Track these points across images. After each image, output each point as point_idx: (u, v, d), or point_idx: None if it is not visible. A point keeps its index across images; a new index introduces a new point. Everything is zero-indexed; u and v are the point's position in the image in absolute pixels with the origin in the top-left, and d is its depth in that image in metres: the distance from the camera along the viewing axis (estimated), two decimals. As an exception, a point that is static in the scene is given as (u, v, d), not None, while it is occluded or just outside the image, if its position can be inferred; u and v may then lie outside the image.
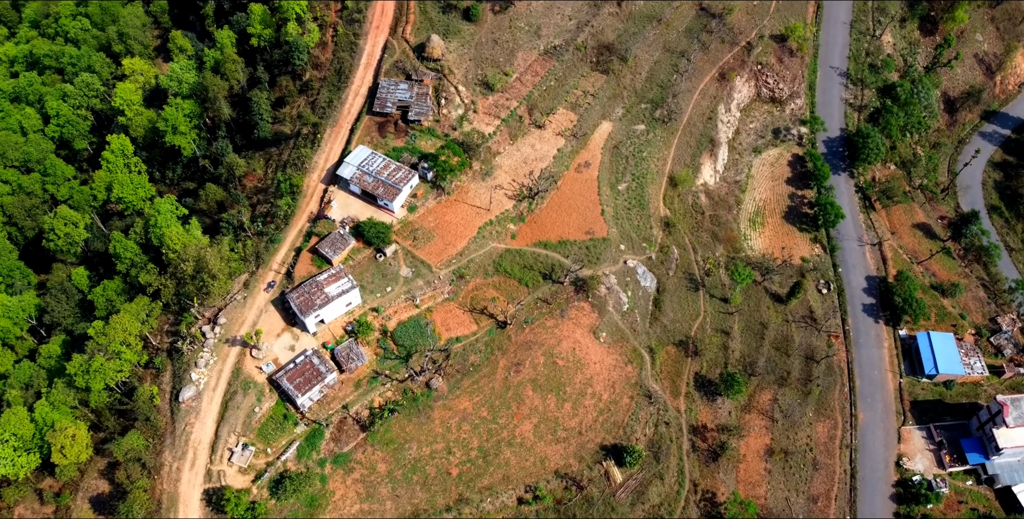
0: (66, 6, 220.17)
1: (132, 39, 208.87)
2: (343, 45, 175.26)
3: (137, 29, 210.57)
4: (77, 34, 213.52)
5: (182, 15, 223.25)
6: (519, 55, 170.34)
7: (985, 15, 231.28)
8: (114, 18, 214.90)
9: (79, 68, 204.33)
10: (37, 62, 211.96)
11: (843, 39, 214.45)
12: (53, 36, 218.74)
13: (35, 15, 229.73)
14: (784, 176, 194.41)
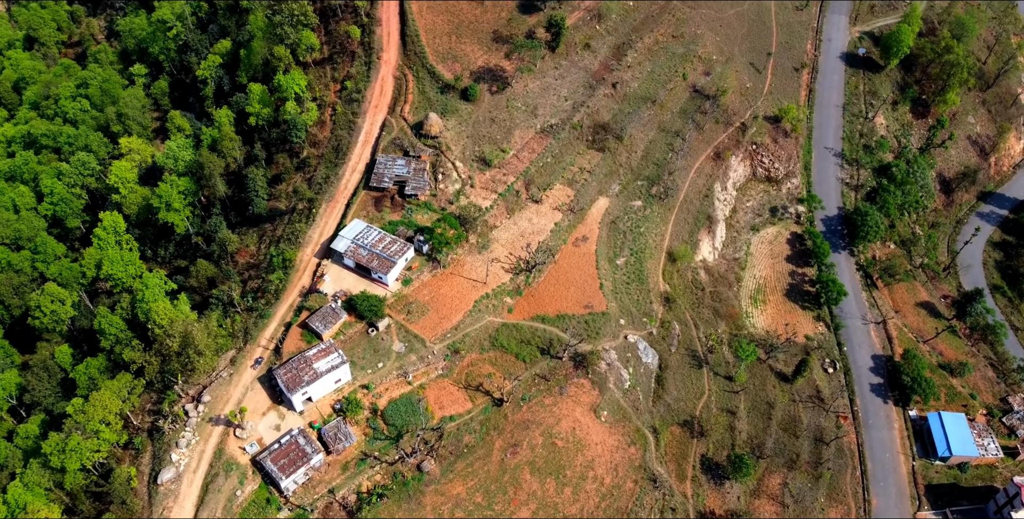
0: (66, 88, 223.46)
1: (131, 119, 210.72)
2: (341, 123, 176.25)
3: (136, 110, 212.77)
4: (76, 115, 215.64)
5: (182, 97, 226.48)
6: (516, 133, 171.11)
7: (976, 98, 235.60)
8: (114, 100, 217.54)
9: (76, 147, 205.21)
10: (35, 142, 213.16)
11: (836, 121, 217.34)
12: (52, 117, 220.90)
13: (35, 97, 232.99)
14: (783, 254, 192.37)
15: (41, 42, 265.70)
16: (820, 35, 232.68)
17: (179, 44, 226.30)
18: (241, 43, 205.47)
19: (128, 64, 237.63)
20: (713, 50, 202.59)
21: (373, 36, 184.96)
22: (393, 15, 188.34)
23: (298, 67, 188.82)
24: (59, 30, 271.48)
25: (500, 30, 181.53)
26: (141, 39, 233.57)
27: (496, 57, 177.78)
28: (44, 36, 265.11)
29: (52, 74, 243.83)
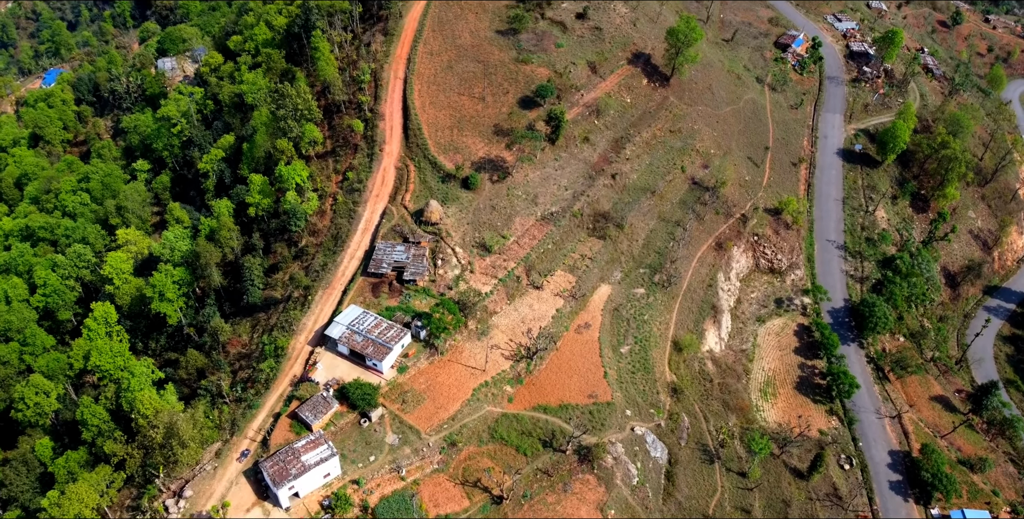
0: (67, 182, 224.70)
1: (130, 212, 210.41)
2: (342, 212, 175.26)
3: (136, 203, 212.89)
4: (75, 208, 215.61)
5: (183, 191, 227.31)
6: (516, 220, 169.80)
7: (975, 193, 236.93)
8: (114, 193, 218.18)
9: (73, 240, 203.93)
10: (32, 235, 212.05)
11: (837, 214, 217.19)
12: (51, 210, 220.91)
13: (36, 192, 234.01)
14: (791, 346, 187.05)
15: (47, 140, 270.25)
16: (816, 132, 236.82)
17: (183, 140, 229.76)
18: (244, 137, 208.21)
19: (131, 160, 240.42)
20: (711, 144, 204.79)
21: (376, 130, 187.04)
22: (396, 111, 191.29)
23: (300, 159, 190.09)
24: (65, 129, 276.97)
25: (501, 124, 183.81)
26: (145, 135, 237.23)
27: (497, 148, 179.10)
28: (50, 134, 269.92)
29: (55, 170, 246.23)
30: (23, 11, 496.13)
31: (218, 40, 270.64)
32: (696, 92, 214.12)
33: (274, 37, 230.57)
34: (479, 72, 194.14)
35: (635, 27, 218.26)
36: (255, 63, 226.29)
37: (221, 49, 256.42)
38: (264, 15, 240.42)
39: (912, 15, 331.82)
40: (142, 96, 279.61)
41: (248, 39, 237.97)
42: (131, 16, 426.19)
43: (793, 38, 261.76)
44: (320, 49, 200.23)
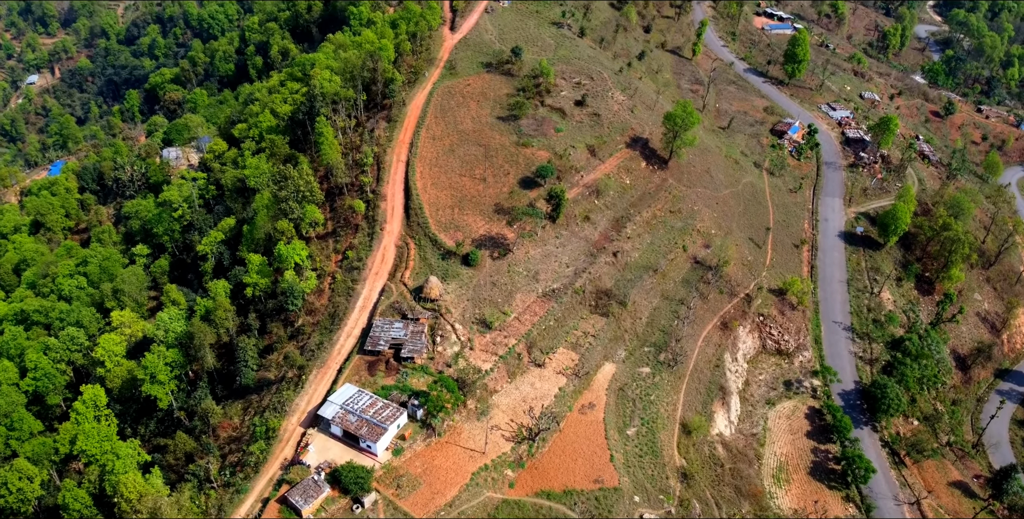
0: (65, 266, 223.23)
1: (126, 296, 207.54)
2: (340, 291, 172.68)
3: (133, 286, 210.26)
4: (72, 291, 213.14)
5: (182, 275, 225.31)
6: (517, 296, 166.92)
7: (979, 276, 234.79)
8: (111, 277, 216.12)
9: (67, 323, 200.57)
10: (27, 319, 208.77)
11: (842, 296, 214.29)
12: (47, 294, 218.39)
13: (34, 277, 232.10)
14: (803, 429, 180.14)
15: (48, 227, 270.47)
16: (816, 215, 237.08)
17: (183, 225, 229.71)
18: (245, 220, 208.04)
19: (131, 245, 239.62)
20: (711, 225, 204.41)
21: (377, 210, 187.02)
22: (398, 191, 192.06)
23: (300, 240, 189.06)
24: (67, 216, 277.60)
25: (502, 203, 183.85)
26: (146, 220, 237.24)
27: (498, 226, 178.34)
28: (51, 222, 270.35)
29: (54, 256, 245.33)
30: (33, 107, 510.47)
31: (223, 129, 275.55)
32: (695, 175, 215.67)
33: (278, 124, 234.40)
34: (480, 155, 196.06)
35: (632, 113, 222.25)
36: (259, 149, 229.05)
37: (226, 137, 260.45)
38: (269, 104, 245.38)
39: (905, 106, 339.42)
40: (146, 184, 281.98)
41: (252, 126, 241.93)
42: (139, 111, 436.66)
43: (789, 125, 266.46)
44: (324, 134, 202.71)
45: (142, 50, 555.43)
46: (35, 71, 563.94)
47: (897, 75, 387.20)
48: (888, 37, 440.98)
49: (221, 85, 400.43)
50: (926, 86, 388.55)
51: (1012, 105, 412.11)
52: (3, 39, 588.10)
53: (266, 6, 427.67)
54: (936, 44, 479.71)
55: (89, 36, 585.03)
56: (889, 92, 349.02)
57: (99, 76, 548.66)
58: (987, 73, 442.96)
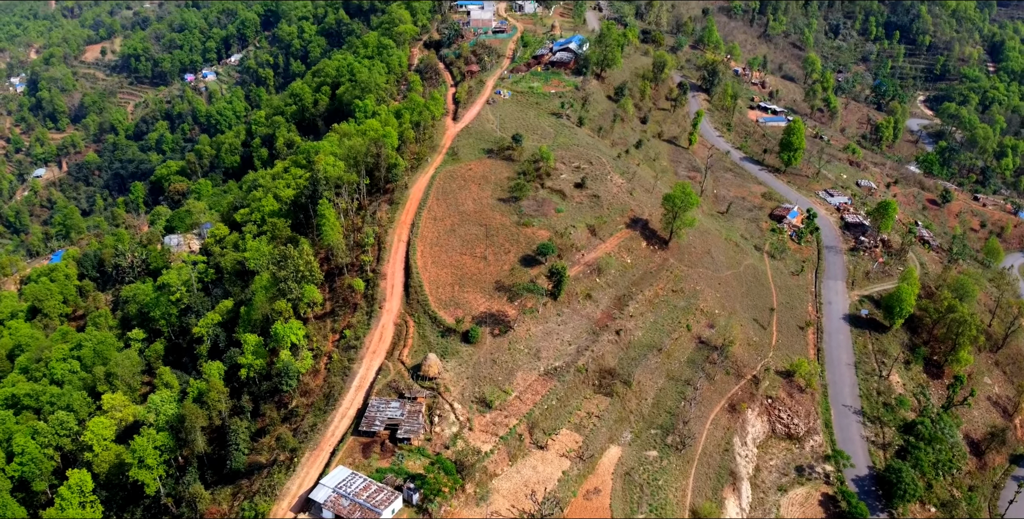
0: (59, 350, 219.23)
1: (119, 379, 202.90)
2: (336, 370, 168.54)
3: (127, 370, 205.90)
4: (64, 375, 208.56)
5: (177, 360, 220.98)
6: (519, 375, 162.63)
7: (988, 359, 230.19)
8: (105, 361, 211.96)
9: (57, 407, 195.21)
10: (17, 403, 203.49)
11: (850, 379, 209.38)
12: (39, 378, 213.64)
13: (27, 362, 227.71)
14: (818, 517, 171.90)
15: (45, 313, 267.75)
16: (819, 298, 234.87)
17: (181, 308, 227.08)
18: (243, 302, 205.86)
19: (127, 329, 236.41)
20: (714, 305, 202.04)
21: (377, 288, 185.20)
22: (398, 270, 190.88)
23: (298, 320, 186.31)
24: (65, 302, 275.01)
25: (503, 280, 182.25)
26: (144, 304, 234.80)
27: (498, 303, 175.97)
28: (48, 307, 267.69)
29: (49, 340, 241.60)
30: (39, 199, 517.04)
31: (225, 215, 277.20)
32: (695, 255, 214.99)
33: (280, 208, 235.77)
34: (481, 234, 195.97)
35: (631, 196, 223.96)
36: (260, 232, 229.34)
37: (228, 222, 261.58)
38: (272, 189, 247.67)
39: (901, 194, 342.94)
40: (146, 270, 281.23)
41: (255, 210, 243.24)
42: (144, 202, 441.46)
43: (787, 210, 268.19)
44: (326, 216, 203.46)
45: (150, 145, 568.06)
46: (43, 164, 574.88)
47: (892, 165, 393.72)
48: (881, 130, 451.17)
49: (226, 176, 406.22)
50: (921, 175, 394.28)
51: (1008, 194, 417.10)
52: (13, 133, 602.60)
53: (273, 101, 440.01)
54: (929, 136, 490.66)
55: (98, 131, 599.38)
56: (885, 180, 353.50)
57: (106, 170, 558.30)
58: (981, 163, 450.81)
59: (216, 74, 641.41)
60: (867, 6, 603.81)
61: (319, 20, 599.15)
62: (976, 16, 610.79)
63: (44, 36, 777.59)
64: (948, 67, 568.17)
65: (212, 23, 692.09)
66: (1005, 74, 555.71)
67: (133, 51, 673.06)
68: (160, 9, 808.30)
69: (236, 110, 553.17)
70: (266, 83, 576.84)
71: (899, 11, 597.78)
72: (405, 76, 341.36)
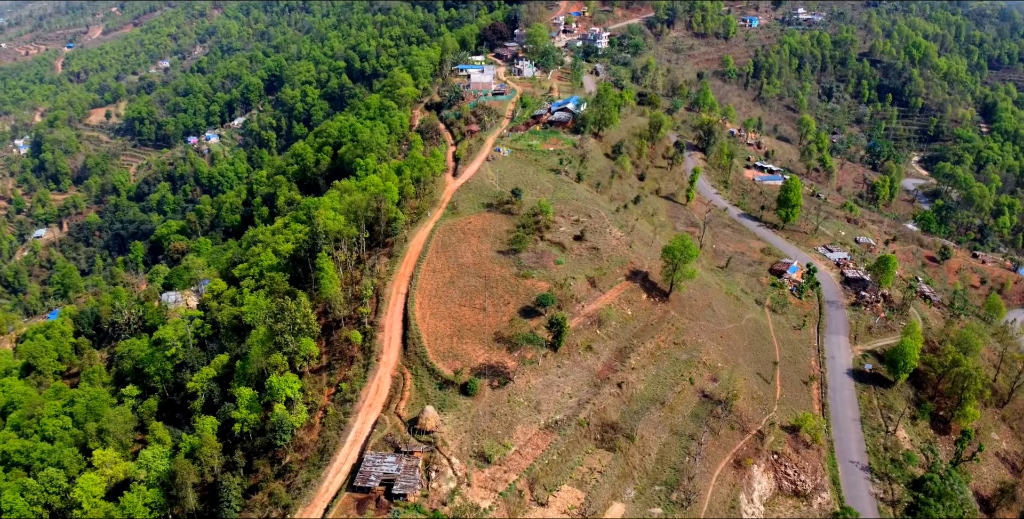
0: (51, 406, 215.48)
1: (111, 435, 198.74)
2: (331, 425, 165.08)
3: (119, 427, 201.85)
4: (55, 432, 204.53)
5: (170, 416, 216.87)
6: (518, 428, 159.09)
7: (994, 414, 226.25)
8: (97, 417, 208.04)
9: (47, 464, 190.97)
10: (7, 460, 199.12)
11: (856, 434, 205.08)
12: (30, 435, 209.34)
13: (19, 419, 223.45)
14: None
15: (39, 370, 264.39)
16: (822, 353, 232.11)
17: (176, 364, 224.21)
18: (239, 356, 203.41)
19: (121, 385, 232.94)
20: (717, 358, 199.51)
21: (374, 341, 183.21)
22: (396, 322, 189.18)
23: (294, 374, 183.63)
24: (60, 360, 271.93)
25: (502, 331, 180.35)
26: (139, 360, 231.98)
27: (498, 354, 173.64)
28: (43, 365, 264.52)
29: (42, 397, 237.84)
30: (38, 260, 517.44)
31: (224, 271, 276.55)
32: (696, 308, 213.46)
33: (279, 262, 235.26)
34: (480, 286, 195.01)
35: (631, 248, 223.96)
36: (258, 286, 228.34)
37: (226, 278, 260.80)
38: (272, 244, 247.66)
39: (900, 251, 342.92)
40: (142, 327, 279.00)
41: (253, 265, 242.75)
42: (143, 262, 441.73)
43: (787, 265, 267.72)
44: (325, 269, 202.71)
45: (151, 206, 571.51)
46: (43, 225, 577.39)
47: (890, 222, 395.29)
48: (877, 189, 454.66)
49: (226, 235, 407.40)
50: (919, 233, 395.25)
51: (1007, 251, 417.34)
52: (15, 194, 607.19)
53: (275, 161, 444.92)
54: (925, 196, 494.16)
55: (100, 193, 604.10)
56: (884, 238, 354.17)
57: (106, 231, 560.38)
58: (978, 221, 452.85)
59: (219, 137, 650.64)
60: (859, 70, 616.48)
61: (322, 84, 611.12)
62: (968, 79, 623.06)
63: (50, 100, 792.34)
64: (942, 128, 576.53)
65: (216, 87, 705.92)
66: (999, 134, 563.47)
67: (137, 114, 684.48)
68: (166, 74, 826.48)
69: (238, 171, 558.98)
70: (268, 145, 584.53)
71: (891, 75, 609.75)
72: (406, 136, 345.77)
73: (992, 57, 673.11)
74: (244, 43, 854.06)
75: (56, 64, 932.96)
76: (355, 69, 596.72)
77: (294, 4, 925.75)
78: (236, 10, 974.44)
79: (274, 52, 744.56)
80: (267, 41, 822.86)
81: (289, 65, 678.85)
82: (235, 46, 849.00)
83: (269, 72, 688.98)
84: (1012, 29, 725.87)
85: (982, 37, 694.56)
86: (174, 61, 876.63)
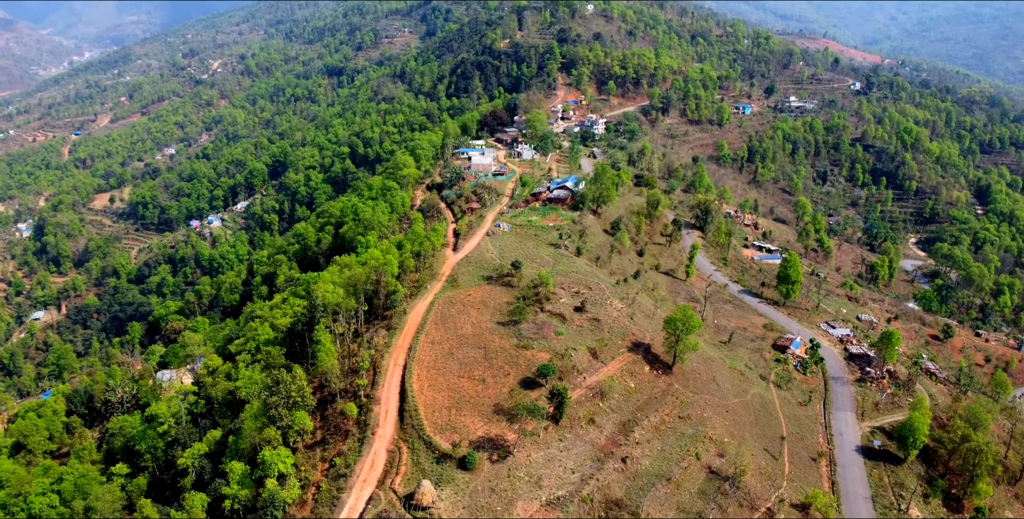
0: (39, 484, 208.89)
1: (98, 514, 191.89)
2: (324, 501, 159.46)
3: (107, 505, 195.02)
4: (42, 510, 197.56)
5: (160, 495, 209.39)
6: (519, 505, 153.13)
7: (1007, 492, 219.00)
8: (85, 495, 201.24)
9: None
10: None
11: (868, 512, 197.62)
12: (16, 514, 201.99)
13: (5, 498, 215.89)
14: None
15: (29, 449, 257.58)
16: (830, 429, 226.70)
17: (168, 441, 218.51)
18: (231, 431, 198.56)
19: (112, 463, 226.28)
20: (723, 432, 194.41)
21: (370, 414, 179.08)
22: (393, 395, 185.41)
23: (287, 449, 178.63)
24: (50, 439, 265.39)
25: (502, 403, 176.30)
26: (130, 437, 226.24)
27: (497, 427, 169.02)
28: (33, 443, 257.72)
29: (31, 475, 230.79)
30: (35, 342, 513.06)
31: (220, 347, 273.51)
32: (700, 382, 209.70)
33: (276, 337, 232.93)
34: (480, 357, 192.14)
35: (632, 320, 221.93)
36: (254, 360, 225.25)
37: (222, 354, 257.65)
38: (270, 319, 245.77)
39: (903, 329, 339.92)
40: (135, 405, 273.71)
41: (249, 340, 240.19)
42: (140, 343, 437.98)
43: (790, 341, 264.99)
44: (322, 341, 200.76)
45: (151, 288, 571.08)
46: (42, 307, 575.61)
47: (891, 301, 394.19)
48: (876, 269, 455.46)
49: (224, 315, 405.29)
50: (921, 312, 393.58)
51: (1009, 331, 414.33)
52: (15, 277, 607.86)
53: (276, 241, 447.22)
54: (924, 277, 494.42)
55: (100, 275, 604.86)
56: (885, 316, 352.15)
57: (105, 313, 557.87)
58: (979, 301, 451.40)
59: (222, 220, 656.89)
60: (852, 154, 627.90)
61: (326, 169, 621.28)
62: (960, 162, 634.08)
63: (55, 185, 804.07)
64: (937, 210, 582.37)
65: (221, 172, 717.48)
66: (994, 215, 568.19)
67: (141, 198, 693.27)
68: (171, 160, 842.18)
69: (239, 253, 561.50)
70: (271, 228, 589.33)
71: (884, 159, 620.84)
72: (407, 215, 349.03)
73: (983, 141, 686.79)
74: (250, 131, 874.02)
75: (63, 151, 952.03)
76: (359, 154, 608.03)
77: (300, 94, 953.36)
78: (243, 100, 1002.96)
79: (279, 139, 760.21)
80: (272, 129, 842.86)
81: (293, 151, 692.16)
82: (241, 133, 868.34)
83: (273, 158, 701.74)
84: (1002, 115, 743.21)
85: (972, 122, 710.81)
86: (180, 148, 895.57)
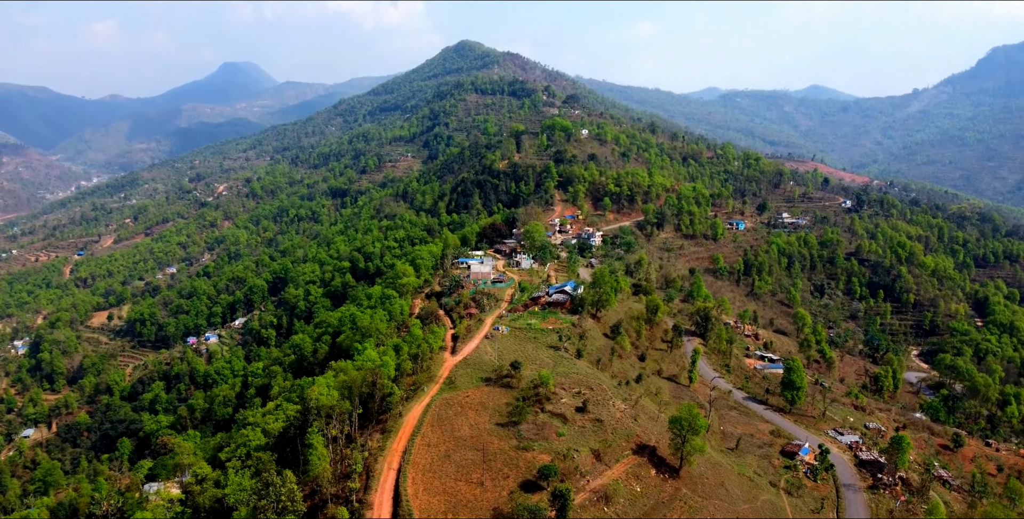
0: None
1: None
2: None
3: None
4: None
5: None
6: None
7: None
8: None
9: None
10: None
11: None
12: None
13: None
14: None
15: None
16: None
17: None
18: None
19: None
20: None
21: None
22: (387, 500, 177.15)
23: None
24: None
25: (501, 507, 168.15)
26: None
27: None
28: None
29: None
30: (23, 460, 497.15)
31: (210, 456, 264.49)
32: (709, 487, 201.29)
33: (267, 442, 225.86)
34: (478, 459, 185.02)
35: (636, 421, 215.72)
36: (243, 466, 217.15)
37: (212, 461, 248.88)
38: (262, 424, 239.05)
39: (913, 438, 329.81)
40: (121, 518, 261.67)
41: (240, 446, 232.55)
42: (129, 459, 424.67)
43: (799, 447, 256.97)
44: (314, 445, 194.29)
45: (143, 405, 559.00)
46: (32, 425, 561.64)
47: (898, 411, 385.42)
48: (880, 380, 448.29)
49: (216, 428, 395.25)
50: (928, 421, 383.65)
51: (1019, 441, 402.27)
52: (8, 394, 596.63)
53: (272, 353, 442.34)
54: (928, 388, 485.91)
55: (93, 392, 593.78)
56: (893, 425, 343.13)
57: (95, 431, 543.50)
58: (986, 411, 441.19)
59: (219, 337, 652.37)
60: (848, 268, 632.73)
61: (326, 283, 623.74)
62: (956, 275, 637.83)
63: (54, 303, 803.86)
64: (936, 322, 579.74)
65: (220, 290, 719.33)
66: (994, 327, 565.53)
67: (139, 316, 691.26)
68: (172, 279, 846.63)
69: (234, 368, 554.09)
70: (267, 343, 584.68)
71: (880, 272, 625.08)
72: (406, 323, 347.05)
73: (977, 255, 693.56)
74: (252, 250, 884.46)
75: (65, 270, 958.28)
76: (359, 268, 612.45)
77: (303, 214, 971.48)
78: (247, 221, 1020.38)
79: (280, 256, 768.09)
80: (275, 247, 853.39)
81: (295, 267, 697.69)
82: (243, 252, 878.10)
83: (274, 274, 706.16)
84: (994, 230, 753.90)
85: (965, 237, 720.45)
86: (182, 267, 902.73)
